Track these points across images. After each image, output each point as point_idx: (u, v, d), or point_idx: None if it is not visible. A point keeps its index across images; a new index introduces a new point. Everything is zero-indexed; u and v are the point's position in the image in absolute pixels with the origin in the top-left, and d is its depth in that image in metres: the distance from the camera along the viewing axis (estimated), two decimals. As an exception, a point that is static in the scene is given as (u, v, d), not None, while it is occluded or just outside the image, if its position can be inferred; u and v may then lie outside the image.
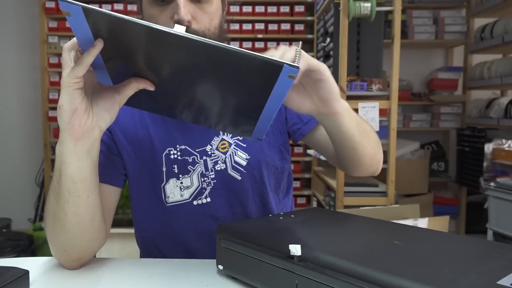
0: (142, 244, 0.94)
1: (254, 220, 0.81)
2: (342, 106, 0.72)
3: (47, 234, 0.75)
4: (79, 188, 0.69)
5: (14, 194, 3.52)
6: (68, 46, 0.63)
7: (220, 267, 0.70)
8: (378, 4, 2.13)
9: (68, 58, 0.62)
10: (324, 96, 0.68)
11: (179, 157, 0.86)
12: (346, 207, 2.21)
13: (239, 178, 0.87)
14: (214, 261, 0.72)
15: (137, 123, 0.88)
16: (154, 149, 0.86)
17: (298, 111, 0.71)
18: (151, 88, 0.65)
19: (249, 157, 0.88)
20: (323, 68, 0.65)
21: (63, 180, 0.69)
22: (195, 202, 0.86)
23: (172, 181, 0.86)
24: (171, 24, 0.75)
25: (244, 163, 0.88)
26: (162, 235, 0.89)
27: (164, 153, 0.86)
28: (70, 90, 0.62)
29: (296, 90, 0.68)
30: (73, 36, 0.61)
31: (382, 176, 2.32)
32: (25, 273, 0.66)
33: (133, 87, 0.65)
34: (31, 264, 0.74)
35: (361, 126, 0.80)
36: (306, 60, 0.63)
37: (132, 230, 0.99)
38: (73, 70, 0.61)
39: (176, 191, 0.86)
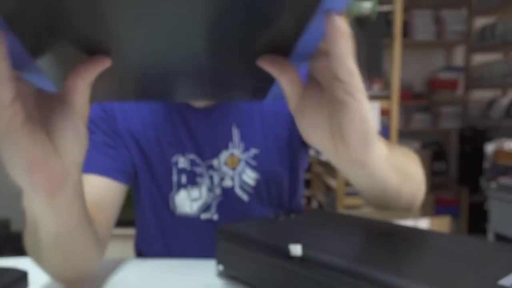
0: (138, 240, 0.93)
1: (254, 220, 0.80)
2: (376, 155, 0.45)
3: (32, 258, 0.62)
4: (65, 241, 0.53)
5: (13, 194, 3.50)
6: None
7: (220, 267, 0.69)
8: (379, 4, 2.13)
9: None
10: (347, 133, 0.41)
11: (187, 167, 0.81)
12: (346, 207, 2.21)
13: (247, 199, 0.83)
14: (214, 261, 0.72)
15: (146, 124, 0.81)
16: (162, 154, 0.81)
17: (306, 137, 0.46)
18: (106, 64, 0.38)
19: (259, 177, 0.82)
20: (354, 85, 0.39)
21: (43, 235, 0.51)
22: (202, 217, 0.83)
23: (182, 192, 0.82)
24: None
25: (253, 183, 0.82)
26: (159, 242, 0.87)
27: (173, 161, 0.81)
28: (14, 131, 0.36)
29: (313, 98, 0.43)
30: None
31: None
32: (24, 274, 0.65)
33: (83, 85, 0.38)
34: (30, 265, 0.73)
35: (404, 172, 0.59)
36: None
37: (132, 231, 0.99)
38: None
39: (185, 202, 0.82)
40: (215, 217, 0.83)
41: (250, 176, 0.81)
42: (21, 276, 0.65)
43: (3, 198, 3.48)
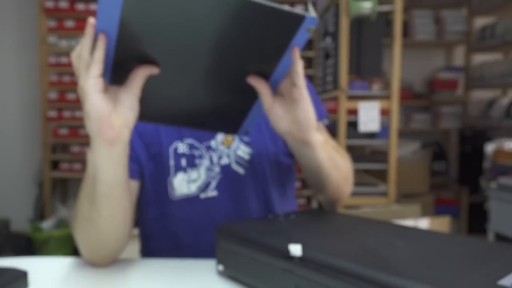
0: (142, 237, 0.96)
1: (254, 220, 0.81)
2: (316, 139, 0.74)
3: (77, 236, 0.76)
4: (115, 192, 0.70)
5: (13, 194, 3.52)
6: (76, 53, 0.62)
7: (220, 267, 0.69)
8: (379, 3, 2.13)
9: (78, 63, 0.62)
10: (300, 119, 0.70)
11: (186, 152, 0.87)
12: (346, 207, 2.20)
13: (242, 173, 0.89)
14: (214, 261, 0.72)
15: None
16: (162, 143, 0.88)
17: (275, 126, 0.73)
18: (155, 70, 0.64)
19: (252, 152, 0.89)
20: (303, 89, 0.69)
21: (99, 186, 0.68)
22: (202, 196, 0.87)
23: (180, 174, 0.87)
24: None
25: (247, 158, 0.89)
26: (163, 228, 0.90)
27: (172, 147, 0.87)
28: (93, 95, 0.60)
29: (278, 102, 0.71)
30: (73, 37, 0.61)
31: (383, 176, 2.32)
32: (24, 273, 0.65)
33: (141, 77, 0.64)
34: (30, 264, 0.73)
35: (333, 161, 0.83)
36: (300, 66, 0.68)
37: (134, 232, 0.99)
38: (90, 71, 0.60)
39: (183, 184, 0.87)
40: (214, 193, 0.88)
41: (244, 151, 0.90)
42: (21, 276, 0.65)
43: (3, 198, 3.48)
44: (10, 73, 3.56)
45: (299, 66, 0.68)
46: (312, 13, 0.63)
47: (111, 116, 0.63)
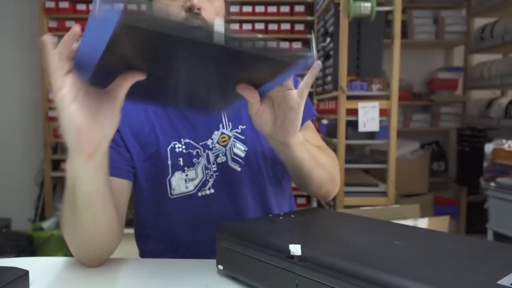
0: (139, 238, 0.96)
1: (254, 220, 0.81)
2: (296, 140, 0.76)
3: (65, 238, 0.76)
4: (96, 200, 0.69)
5: (13, 194, 3.51)
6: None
7: (220, 267, 0.70)
8: (378, 4, 2.13)
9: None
10: (286, 126, 0.73)
11: (184, 151, 0.88)
12: (346, 207, 2.21)
13: (239, 169, 0.90)
14: (214, 261, 0.72)
15: (143, 118, 0.90)
16: (159, 143, 0.88)
17: (259, 129, 0.75)
18: (142, 77, 0.60)
19: (247, 148, 0.91)
20: (303, 102, 0.71)
21: (78, 195, 0.67)
22: (199, 194, 0.88)
23: (178, 174, 0.88)
24: (182, 13, 0.81)
25: (242, 154, 0.91)
26: (161, 228, 0.90)
27: (169, 147, 0.88)
28: (67, 107, 0.57)
29: (265, 106, 0.72)
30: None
31: (382, 176, 2.32)
32: (25, 273, 0.66)
33: (126, 86, 0.60)
34: (31, 264, 0.73)
35: (316, 159, 0.84)
36: (309, 83, 0.71)
37: (131, 230, 0.99)
38: (53, 85, 0.57)
39: (181, 183, 0.88)
40: (212, 191, 0.89)
41: (239, 149, 0.91)
42: (22, 275, 0.65)
43: (3, 198, 3.48)
44: (11, 73, 3.56)
45: (310, 82, 0.71)
46: (312, 50, 0.63)
47: (89, 129, 0.59)
